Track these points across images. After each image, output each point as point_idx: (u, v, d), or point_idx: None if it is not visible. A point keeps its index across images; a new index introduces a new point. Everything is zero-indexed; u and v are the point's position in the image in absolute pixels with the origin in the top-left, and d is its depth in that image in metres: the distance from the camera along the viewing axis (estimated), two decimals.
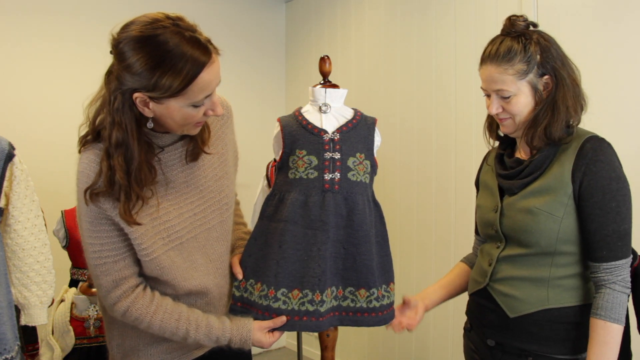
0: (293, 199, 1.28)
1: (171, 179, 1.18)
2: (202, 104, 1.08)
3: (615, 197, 1.15)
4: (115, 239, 1.13)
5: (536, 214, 1.20)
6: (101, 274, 1.13)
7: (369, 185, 1.35)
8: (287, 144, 1.33)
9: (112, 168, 1.06)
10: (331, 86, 1.53)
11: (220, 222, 1.26)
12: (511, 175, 1.28)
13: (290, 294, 1.25)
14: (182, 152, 1.20)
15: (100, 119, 1.08)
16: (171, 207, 1.17)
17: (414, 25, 2.84)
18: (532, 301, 1.21)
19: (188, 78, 1.01)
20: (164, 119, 1.09)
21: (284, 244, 1.27)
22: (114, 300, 1.14)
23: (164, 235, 1.15)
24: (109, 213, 1.10)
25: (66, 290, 2.19)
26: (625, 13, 2.01)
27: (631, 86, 2.00)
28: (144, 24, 1.01)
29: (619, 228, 1.15)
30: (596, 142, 1.18)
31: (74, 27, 2.97)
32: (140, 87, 1.02)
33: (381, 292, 1.32)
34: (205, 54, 1.03)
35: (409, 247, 2.88)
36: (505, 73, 1.21)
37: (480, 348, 1.34)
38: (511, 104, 1.23)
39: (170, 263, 1.17)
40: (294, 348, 3.76)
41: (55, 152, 2.79)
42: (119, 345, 1.23)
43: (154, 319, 1.15)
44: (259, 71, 3.78)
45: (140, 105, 1.05)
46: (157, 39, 0.99)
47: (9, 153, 1.56)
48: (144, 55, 0.99)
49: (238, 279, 1.30)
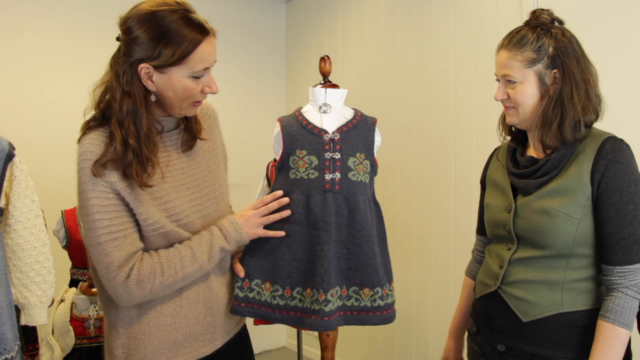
0: (296, 200, 1.29)
1: (170, 164, 1.24)
2: (201, 76, 1.17)
3: (633, 200, 1.13)
4: (124, 213, 1.16)
5: (553, 215, 1.17)
6: (112, 250, 1.14)
7: (369, 185, 1.35)
8: (287, 143, 1.33)
9: (124, 135, 1.13)
10: (331, 86, 1.53)
11: (216, 211, 1.30)
12: (526, 174, 1.25)
13: (304, 292, 1.28)
14: (178, 139, 1.27)
15: (106, 99, 1.16)
16: (171, 189, 1.22)
17: (414, 25, 2.84)
18: (546, 305, 1.19)
19: (190, 47, 1.12)
20: (166, 92, 1.17)
21: (293, 245, 1.29)
22: (126, 273, 1.14)
23: (165, 215, 1.20)
24: (115, 187, 1.13)
25: (66, 290, 2.19)
26: (626, 13, 2.00)
27: (631, 86, 2.00)
28: (150, 4, 1.13)
29: (635, 231, 1.13)
30: (615, 143, 1.17)
31: (74, 26, 2.98)
32: (146, 56, 1.12)
33: (385, 291, 1.32)
34: (204, 29, 1.15)
35: (409, 247, 2.88)
36: (514, 59, 1.21)
37: (488, 353, 1.31)
38: (516, 91, 1.23)
39: (178, 237, 1.21)
40: (294, 348, 3.76)
41: (55, 152, 2.79)
42: (125, 345, 1.22)
43: (162, 262, 1.17)
44: (259, 71, 3.78)
45: (144, 78, 1.14)
46: (161, 14, 1.11)
47: (9, 153, 1.56)
48: (149, 28, 1.10)
49: (240, 278, 1.31)
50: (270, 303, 1.30)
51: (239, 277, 1.31)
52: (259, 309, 1.31)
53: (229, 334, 1.34)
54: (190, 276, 1.21)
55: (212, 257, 1.23)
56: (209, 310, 1.27)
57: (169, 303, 1.23)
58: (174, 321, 1.23)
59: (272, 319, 1.32)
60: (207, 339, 1.27)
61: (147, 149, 1.15)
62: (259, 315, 1.31)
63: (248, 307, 1.31)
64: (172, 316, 1.23)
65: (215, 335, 1.29)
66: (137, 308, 1.22)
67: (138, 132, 1.15)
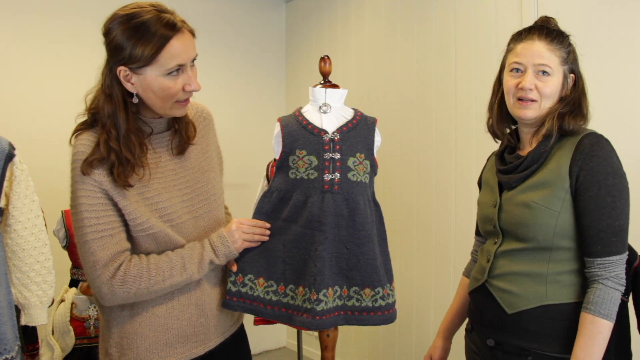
0: (295, 200, 1.29)
1: (160, 165, 1.26)
2: (175, 73, 1.17)
3: (611, 192, 1.15)
4: (111, 213, 1.17)
5: (533, 208, 1.20)
6: (98, 249, 1.15)
7: (369, 185, 1.35)
8: (287, 143, 1.33)
9: (106, 137, 1.17)
10: (331, 86, 1.53)
11: (208, 212, 1.31)
12: (509, 169, 1.29)
13: (297, 290, 1.28)
14: (169, 142, 1.29)
15: (94, 103, 1.20)
16: (162, 190, 1.24)
17: (414, 25, 2.84)
18: (531, 297, 1.21)
19: (158, 45, 1.13)
20: (146, 94, 1.19)
21: (288, 243, 1.30)
22: (111, 272, 1.16)
23: (156, 215, 1.21)
24: (104, 186, 1.16)
25: (66, 290, 2.19)
26: (626, 13, 2.00)
27: (631, 86, 2.00)
28: (126, 8, 1.17)
29: (613, 223, 1.14)
30: (594, 138, 1.19)
31: (74, 26, 2.97)
32: (121, 59, 1.15)
33: (386, 291, 1.32)
34: (174, 27, 1.15)
35: (409, 247, 2.88)
36: (553, 53, 1.23)
37: (481, 349, 1.33)
38: (547, 83, 1.23)
39: (167, 240, 1.22)
40: (294, 348, 3.76)
41: (55, 152, 2.78)
42: (118, 344, 1.23)
43: (150, 268, 1.18)
44: (259, 71, 3.78)
45: (123, 80, 1.17)
46: (134, 15, 1.14)
47: (9, 153, 1.56)
48: (122, 29, 1.13)
49: (234, 273, 1.31)
50: (263, 298, 1.31)
51: (232, 271, 1.32)
52: (251, 304, 1.31)
53: (224, 335, 1.34)
54: (177, 285, 1.22)
55: (202, 268, 1.24)
56: (201, 311, 1.28)
57: (161, 304, 1.24)
58: (165, 322, 1.24)
59: (264, 314, 1.33)
60: (200, 340, 1.28)
61: (127, 150, 1.17)
62: (250, 311, 1.32)
63: (240, 301, 1.31)
64: (164, 317, 1.24)
65: (208, 336, 1.29)
66: (130, 308, 1.23)
67: (118, 133, 1.17)
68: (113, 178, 1.16)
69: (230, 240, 1.26)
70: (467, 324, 1.43)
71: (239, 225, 1.30)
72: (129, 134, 1.18)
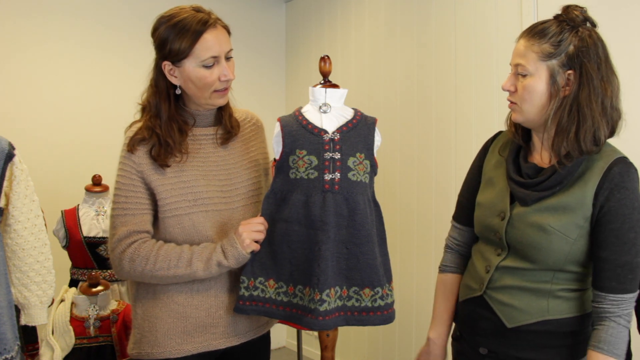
0: (295, 200, 1.29)
1: (202, 154, 1.37)
2: (211, 65, 1.29)
3: (634, 228, 1.10)
4: (140, 195, 1.29)
5: (549, 232, 1.13)
6: (119, 224, 1.28)
7: (369, 185, 1.35)
8: (287, 143, 1.33)
9: (151, 122, 1.31)
10: (331, 86, 1.52)
11: (244, 207, 1.38)
12: (528, 184, 1.19)
13: (304, 290, 1.29)
14: (214, 135, 1.40)
15: (145, 97, 1.36)
16: (200, 176, 1.34)
17: (414, 25, 2.84)
18: (532, 312, 1.17)
19: (192, 38, 1.27)
20: (187, 84, 1.31)
21: (293, 244, 1.30)
22: (123, 248, 1.26)
23: (190, 199, 1.31)
24: (141, 168, 1.29)
25: (66, 290, 2.19)
26: (626, 13, 2.00)
27: (631, 86, 2.00)
28: (170, 10, 1.32)
29: (632, 260, 1.10)
30: (624, 167, 1.12)
31: (75, 27, 2.97)
32: (164, 55, 1.29)
33: (385, 291, 1.32)
34: (206, 22, 1.29)
35: (409, 247, 2.88)
36: (530, 49, 1.14)
37: (471, 357, 1.29)
38: (523, 84, 1.15)
39: (191, 225, 1.30)
40: (294, 348, 3.76)
41: (55, 152, 2.79)
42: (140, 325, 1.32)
43: (159, 253, 1.25)
44: (259, 71, 3.78)
45: (168, 74, 1.31)
46: (174, 15, 1.29)
47: (9, 153, 1.56)
48: (164, 27, 1.29)
49: (245, 278, 1.32)
50: (275, 299, 1.32)
51: (244, 277, 1.33)
52: (263, 305, 1.32)
53: (248, 334, 1.37)
54: (181, 277, 1.26)
55: (208, 268, 1.26)
56: (220, 303, 1.32)
57: (181, 292, 1.30)
58: (184, 310, 1.30)
59: (276, 316, 1.33)
60: (219, 333, 1.32)
61: (168, 134, 1.30)
62: (263, 312, 1.32)
63: (252, 305, 1.32)
64: (183, 305, 1.30)
65: (228, 329, 1.33)
66: (153, 291, 1.31)
67: (160, 120, 1.31)
68: (153, 158, 1.29)
69: (238, 240, 1.27)
70: (455, 331, 1.39)
71: (245, 225, 1.30)
72: (171, 122, 1.32)
